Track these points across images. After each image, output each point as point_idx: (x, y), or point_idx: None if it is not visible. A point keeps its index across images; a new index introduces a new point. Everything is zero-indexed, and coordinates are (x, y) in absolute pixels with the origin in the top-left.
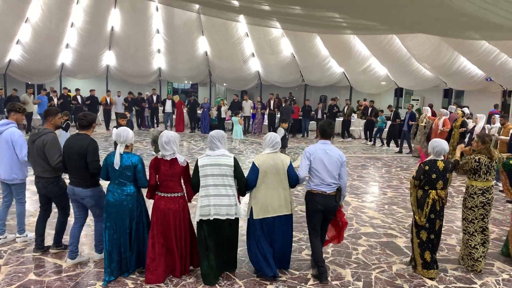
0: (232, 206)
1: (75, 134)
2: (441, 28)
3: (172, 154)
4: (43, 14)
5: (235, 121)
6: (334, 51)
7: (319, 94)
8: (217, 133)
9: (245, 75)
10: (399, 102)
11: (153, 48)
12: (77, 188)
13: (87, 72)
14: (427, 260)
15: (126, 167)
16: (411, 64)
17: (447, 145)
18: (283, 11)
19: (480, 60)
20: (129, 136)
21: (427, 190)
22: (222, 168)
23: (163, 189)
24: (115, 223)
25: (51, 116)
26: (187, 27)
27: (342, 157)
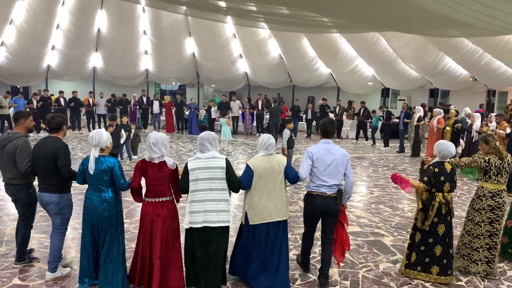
0: (222, 212)
1: (45, 137)
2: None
3: (160, 157)
4: (28, 16)
5: (223, 122)
6: (321, 52)
7: (307, 95)
8: (207, 135)
9: (233, 76)
10: (385, 103)
11: (140, 49)
12: (44, 193)
13: (74, 74)
14: (411, 261)
15: (102, 171)
16: (397, 65)
17: (453, 148)
18: (269, 11)
19: (464, 60)
20: (103, 139)
21: (433, 193)
22: (214, 171)
23: (151, 194)
24: (92, 230)
25: (23, 119)
26: (174, 28)
27: (346, 156)
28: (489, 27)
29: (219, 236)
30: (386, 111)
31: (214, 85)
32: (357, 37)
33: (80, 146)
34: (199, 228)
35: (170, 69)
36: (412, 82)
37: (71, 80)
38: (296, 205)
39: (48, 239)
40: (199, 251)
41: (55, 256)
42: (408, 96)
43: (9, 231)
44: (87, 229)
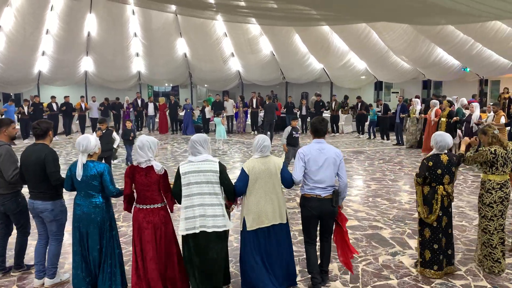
0: (218, 217)
1: (32, 144)
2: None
3: (147, 161)
4: (17, 22)
5: (217, 121)
6: (313, 47)
7: (301, 91)
8: (198, 137)
9: (226, 75)
10: (379, 96)
11: (131, 52)
12: (37, 201)
13: (65, 79)
14: (426, 259)
15: (92, 177)
16: (389, 57)
17: (451, 139)
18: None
19: (456, 50)
20: (90, 145)
21: (434, 187)
22: (207, 174)
23: (141, 200)
24: (83, 238)
25: (4, 127)
26: (165, 29)
27: (339, 156)
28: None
29: (215, 242)
30: (384, 104)
31: (207, 85)
32: (348, 31)
33: (74, 151)
34: (195, 234)
35: (162, 70)
36: (404, 75)
37: (63, 85)
38: (293, 201)
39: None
40: (197, 258)
41: (53, 262)
42: (401, 88)
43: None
44: (75, 238)
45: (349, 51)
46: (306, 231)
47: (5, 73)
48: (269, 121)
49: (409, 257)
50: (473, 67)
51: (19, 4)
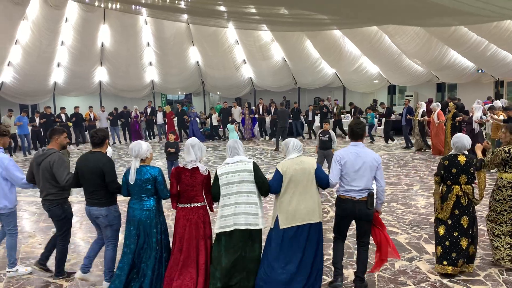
0: (250, 215)
1: (89, 152)
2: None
3: (193, 163)
4: (33, 35)
5: (231, 128)
6: (324, 53)
7: (313, 96)
8: (233, 142)
9: (238, 82)
10: (393, 99)
11: (144, 61)
12: (92, 207)
13: (80, 90)
14: (438, 255)
15: (145, 181)
16: (402, 61)
17: (468, 141)
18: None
19: (470, 52)
20: (142, 150)
21: (450, 185)
22: (241, 174)
23: (184, 199)
24: (133, 242)
25: (57, 135)
26: (177, 38)
27: (378, 160)
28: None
29: (246, 240)
30: (387, 108)
31: (219, 92)
32: (360, 35)
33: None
34: (228, 232)
35: (175, 79)
36: (418, 78)
37: (78, 95)
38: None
39: None
40: (224, 257)
41: (109, 267)
42: (415, 91)
43: (24, 249)
44: (127, 239)
45: (361, 55)
46: (337, 229)
47: (22, 85)
48: (282, 127)
49: (426, 262)
50: (488, 69)
51: (35, 17)
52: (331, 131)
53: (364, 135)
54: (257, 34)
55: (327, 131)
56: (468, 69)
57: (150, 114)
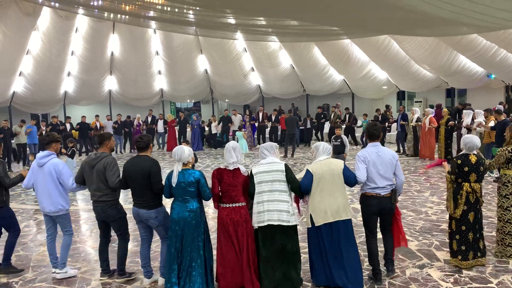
0: (283, 212)
1: (135, 156)
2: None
3: (235, 164)
4: (44, 45)
5: (239, 135)
6: (332, 59)
7: (321, 103)
8: (266, 145)
9: (246, 90)
10: (402, 105)
11: (153, 70)
12: (141, 210)
13: (90, 99)
14: (454, 249)
15: (189, 183)
16: (411, 67)
17: (478, 141)
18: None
19: (479, 58)
20: (184, 154)
21: (460, 183)
22: (274, 173)
23: (226, 199)
24: (178, 240)
25: (106, 140)
26: (186, 47)
27: (395, 156)
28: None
29: (280, 234)
30: (381, 114)
31: (228, 100)
32: (368, 42)
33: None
34: (264, 227)
35: (184, 87)
36: (427, 83)
37: (88, 104)
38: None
39: (73, 262)
40: (263, 249)
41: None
42: (425, 97)
43: (35, 257)
44: (171, 240)
45: (369, 61)
46: (368, 226)
47: (33, 94)
48: (290, 134)
49: (437, 269)
50: (498, 74)
51: (45, 28)
52: (343, 136)
53: (381, 136)
54: (265, 42)
55: (339, 136)
56: (478, 74)
57: (150, 123)
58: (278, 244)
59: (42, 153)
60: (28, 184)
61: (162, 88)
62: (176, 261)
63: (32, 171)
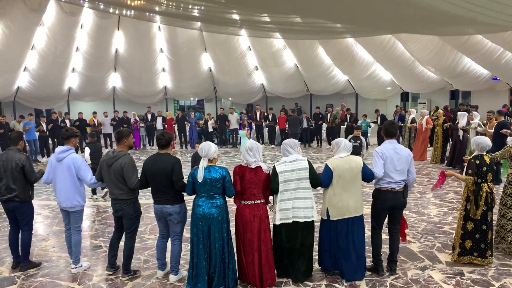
0: (309, 209)
1: (156, 154)
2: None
3: (256, 162)
4: (49, 41)
5: (242, 134)
6: (337, 59)
7: (325, 102)
8: (289, 141)
9: (250, 89)
10: (405, 106)
11: (157, 67)
12: (165, 206)
13: (94, 95)
14: (467, 248)
15: (216, 180)
16: (416, 68)
17: (489, 141)
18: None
19: (484, 60)
20: (211, 151)
21: (479, 184)
22: (299, 172)
23: (247, 197)
24: (204, 236)
25: (125, 138)
26: (190, 44)
27: (410, 154)
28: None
29: (303, 230)
30: (381, 115)
31: (231, 99)
32: (373, 42)
33: None
34: (289, 223)
35: (187, 85)
36: (431, 85)
37: (92, 100)
38: None
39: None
40: (287, 244)
41: (177, 260)
42: (429, 98)
43: (37, 252)
44: (198, 237)
45: (374, 62)
46: (377, 220)
47: (37, 90)
48: (293, 134)
49: (439, 271)
50: (503, 76)
51: (50, 24)
52: (362, 137)
53: (397, 134)
54: (270, 40)
55: (358, 136)
56: (483, 77)
57: (150, 120)
58: (299, 240)
59: (61, 147)
60: (47, 179)
61: (166, 85)
62: (204, 257)
63: (51, 165)
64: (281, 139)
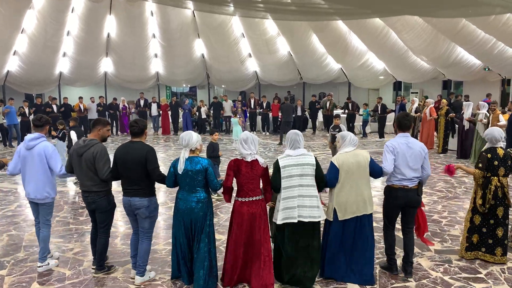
0: (314, 208)
1: (128, 142)
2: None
3: (252, 155)
4: (39, 24)
5: (234, 122)
6: (330, 48)
7: (318, 91)
8: (299, 132)
9: (243, 76)
10: (400, 95)
11: (150, 53)
12: (134, 198)
13: (86, 80)
14: (473, 243)
15: (197, 172)
16: (409, 57)
17: (498, 132)
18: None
19: (477, 50)
20: (192, 140)
21: (489, 177)
22: (304, 167)
23: (245, 193)
24: (185, 230)
25: (100, 126)
26: (183, 30)
27: (424, 149)
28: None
29: (308, 231)
30: (382, 104)
31: (224, 86)
32: (367, 31)
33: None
34: (293, 223)
35: (180, 71)
36: (424, 75)
37: (83, 85)
38: None
39: (66, 243)
40: (289, 246)
41: (144, 260)
42: (421, 88)
43: (27, 237)
44: (180, 231)
45: (367, 51)
46: (389, 218)
47: (28, 74)
48: (286, 122)
49: (428, 259)
50: (495, 67)
51: (41, 7)
52: (342, 125)
53: (411, 127)
54: (263, 27)
55: (338, 125)
56: (475, 67)
57: (143, 106)
58: (304, 241)
59: (31, 135)
60: (14, 170)
61: (158, 71)
62: (187, 251)
63: (19, 154)
64: (274, 127)
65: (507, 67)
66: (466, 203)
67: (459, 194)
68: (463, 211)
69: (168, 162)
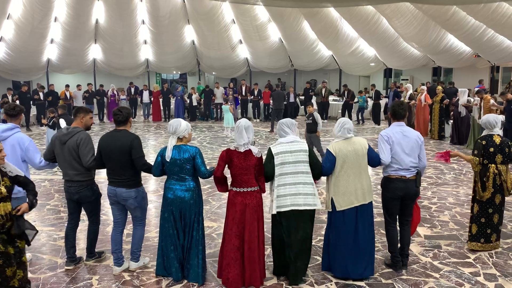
0: (309, 195)
1: (113, 131)
2: None
3: (246, 145)
4: (25, 10)
5: (225, 109)
6: (321, 34)
7: (309, 78)
8: (286, 121)
9: (234, 63)
10: (388, 83)
11: (139, 39)
12: (120, 189)
13: (74, 67)
14: (473, 233)
15: (185, 160)
16: (399, 44)
17: (493, 118)
18: None
19: (467, 37)
20: (180, 127)
21: (486, 165)
22: (297, 154)
23: (238, 184)
24: (174, 220)
25: (82, 113)
26: (173, 16)
27: (420, 138)
28: None
29: (305, 221)
30: (375, 91)
31: (215, 73)
32: (358, 17)
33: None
34: (287, 213)
35: (170, 58)
36: (414, 61)
37: (72, 73)
38: None
39: (57, 232)
40: (288, 238)
41: (138, 246)
42: (411, 75)
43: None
44: (169, 222)
45: (358, 37)
46: (389, 212)
47: (15, 61)
48: (277, 109)
49: (418, 244)
50: (484, 54)
51: None
52: (315, 113)
53: (406, 115)
54: (254, 13)
55: (311, 113)
56: (465, 54)
57: (134, 93)
58: (302, 231)
59: (4, 125)
60: None
61: (147, 58)
62: (178, 242)
63: None
64: (265, 114)
65: (496, 54)
66: (455, 189)
67: (448, 180)
68: (452, 197)
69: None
